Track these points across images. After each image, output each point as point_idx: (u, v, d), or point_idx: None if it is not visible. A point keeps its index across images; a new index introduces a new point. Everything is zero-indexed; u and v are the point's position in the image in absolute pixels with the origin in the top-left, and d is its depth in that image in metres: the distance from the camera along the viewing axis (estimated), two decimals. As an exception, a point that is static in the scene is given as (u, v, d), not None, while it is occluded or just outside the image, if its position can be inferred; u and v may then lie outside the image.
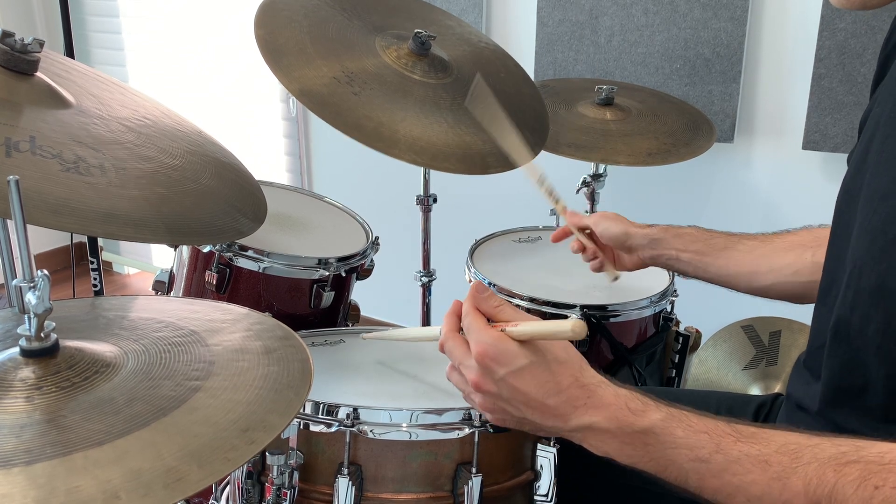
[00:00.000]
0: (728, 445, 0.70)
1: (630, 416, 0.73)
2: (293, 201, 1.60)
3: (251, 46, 1.32)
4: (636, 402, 0.74)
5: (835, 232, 0.90)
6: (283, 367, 0.76)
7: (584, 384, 0.75)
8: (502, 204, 2.34)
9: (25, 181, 0.83)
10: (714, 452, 0.70)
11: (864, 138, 0.87)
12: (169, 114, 1.20)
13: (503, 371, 0.75)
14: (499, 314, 0.79)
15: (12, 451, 0.61)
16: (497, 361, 0.75)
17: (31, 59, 1.01)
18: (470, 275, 1.45)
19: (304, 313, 1.37)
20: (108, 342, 0.77)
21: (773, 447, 0.69)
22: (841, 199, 0.90)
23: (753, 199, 1.99)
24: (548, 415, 0.76)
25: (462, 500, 0.90)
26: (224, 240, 1.25)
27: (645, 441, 0.73)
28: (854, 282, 0.78)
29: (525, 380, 0.75)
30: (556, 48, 2.09)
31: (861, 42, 1.72)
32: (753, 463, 0.69)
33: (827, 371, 0.83)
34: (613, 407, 0.73)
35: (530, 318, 0.78)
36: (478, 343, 0.76)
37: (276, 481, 0.88)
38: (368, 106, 1.32)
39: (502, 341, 0.75)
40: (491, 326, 0.77)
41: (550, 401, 0.75)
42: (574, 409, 0.74)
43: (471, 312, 0.79)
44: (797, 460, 0.67)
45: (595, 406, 0.74)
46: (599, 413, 0.74)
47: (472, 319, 0.78)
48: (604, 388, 0.74)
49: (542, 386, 0.75)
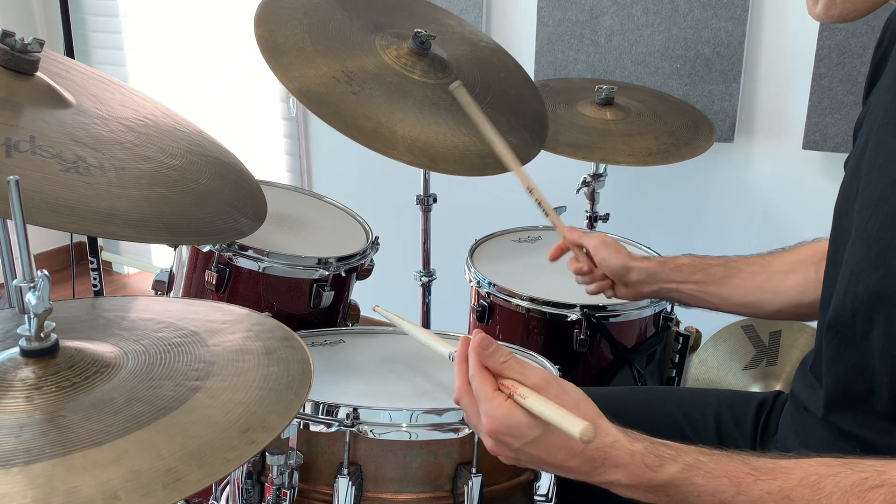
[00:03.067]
0: (748, 485, 0.71)
1: (648, 472, 0.73)
2: (293, 201, 1.60)
3: (251, 46, 1.32)
4: (651, 457, 0.74)
5: (834, 237, 0.90)
6: (283, 368, 0.76)
7: (598, 447, 0.74)
8: (502, 204, 2.34)
9: (25, 181, 0.83)
10: (736, 495, 0.71)
11: (858, 144, 0.87)
12: (169, 114, 1.20)
13: (518, 443, 0.75)
14: (506, 370, 0.77)
15: (12, 451, 0.61)
16: (510, 435, 0.75)
17: (31, 59, 1.01)
18: (470, 275, 1.45)
19: (304, 313, 1.37)
20: (108, 342, 0.77)
21: (793, 481, 0.69)
22: (839, 204, 0.90)
23: (753, 199, 1.99)
24: (570, 472, 0.77)
25: (462, 500, 0.90)
26: (224, 240, 1.25)
27: (666, 492, 0.74)
28: (853, 288, 0.78)
29: (541, 448, 0.75)
30: (556, 48, 2.09)
31: (861, 42, 1.72)
32: (775, 500, 0.69)
33: (831, 377, 0.83)
34: (630, 465, 0.74)
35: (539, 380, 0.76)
36: (489, 417, 0.75)
37: (276, 481, 0.88)
38: (368, 106, 1.32)
39: (512, 415, 0.74)
40: (499, 391, 0.76)
41: (569, 463, 0.75)
42: (594, 469, 0.75)
43: (478, 374, 0.77)
44: (819, 492, 0.67)
45: (612, 465, 0.74)
46: (618, 472, 0.74)
47: (479, 384, 0.77)
48: (618, 448, 0.74)
49: (559, 451, 0.75)
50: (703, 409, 1.08)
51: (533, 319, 1.37)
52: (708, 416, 1.07)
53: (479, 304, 1.43)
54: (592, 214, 1.87)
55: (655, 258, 1.20)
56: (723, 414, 1.06)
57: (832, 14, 0.76)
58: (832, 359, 0.82)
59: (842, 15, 0.75)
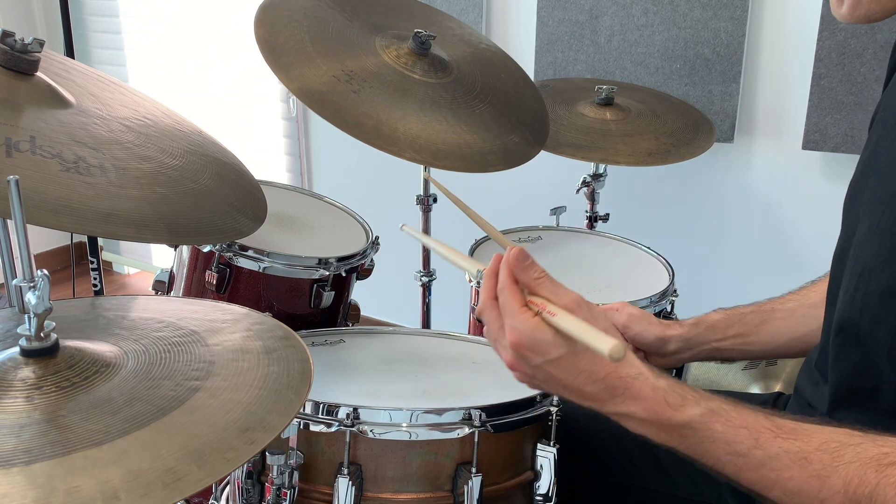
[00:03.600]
0: (767, 441, 0.70)
1: (668, 409, 0.73)
2: (293, 201, 1.60)
3: (251, 46, 1.32)
4: (674, 395, 0.73)
5: (842, 235, 0.90)
6: (283, 368, 0.76)
7: (621, 376, 0.73)
8: (502, 204, 2.34)
9: (25, 181, 0.83)
10: (752, 448, 0.70)
11: (871, 140, 0.87)
12: (169, 114, 1.20)
13: (539, 360, 0.74)
14: (537, 287, 0.75)
15: (12, 451, 0.61)
16: (532, 351, 0.73)
17: (31, 59, 1.01)
18: (470, 274, 1.45)
19: (304, 313, 1.37)
20: (108, 342, 0.77)
21: (813, 444, 0.69)
22: (848, 200, 0.90)
23: (753, 199, 1.99)
24: (585, 398, 0.75)
25: (462, 500, 0.90)
26: (224, 240, 1.25)
27: (682, 434, 0.73)
28: (863, 285, 0.77)
29: (561, 368, 0.74)
30: (556, 48, 2.09)
31: (861, 42, 1.72)
32: (792, 459, 0.69)
33: (836, 374, 0.83)
34: (651, 400, 0.73)
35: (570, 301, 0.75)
36: (512, 329, 0.74)
37: (276, 481, 0.88)
38: (368, 104, 1.32)
39: (538, 331, 0.73)
40: (527, 307, 0.74)
41: (587, 388, 0.74)
42: (612, 398, 0.74)
43: (507, 286, 0.75)
44: (838, 459, 0.67)
45: (632, 397, 0.73)
46: (636, 404, 0.73)
47: (507, 296, 0.75)
48: (641, 381, 0.73)
49: (579, 375, 0.74)
50: None
51: (533, 319, 1.37)
52: None
53: (479, 304, 1.43)
54: (592, 214, 1.87)
55: (687, 322, 1.14)
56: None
57: (858, 14, 0.75)
58: (838, 356, 0.82)
59: (868, 15, 0.74)
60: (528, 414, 0.95)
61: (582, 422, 1.09)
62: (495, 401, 0.93)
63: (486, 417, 0.90)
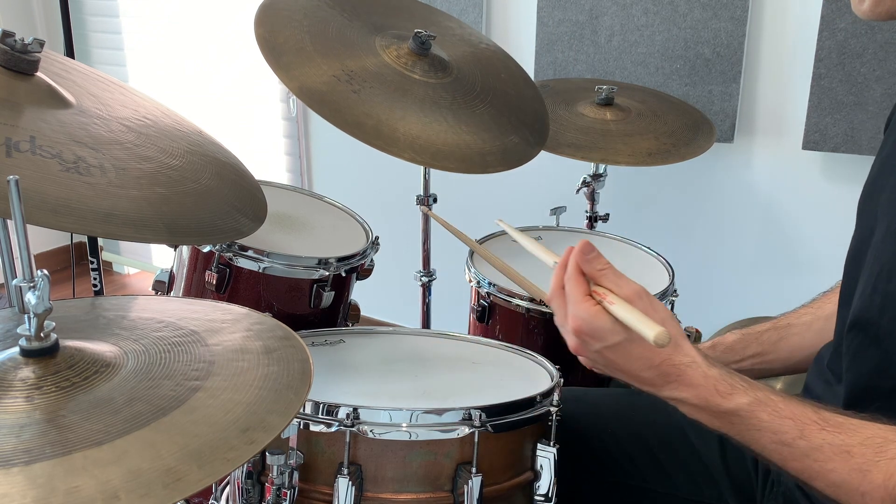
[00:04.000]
0: (812, 433, 0.73)
1: (717, 397, 0.76)
2: (293, 201, 1.60)
3: (251, 46, 1.32)
4: (724, 384, 0.77)
5: (857, 234, 0.90)
6: (283, 368, 0.76)
7: (675, 363, 0.77)
8: (502, 204, 2.34)
9: (25, 181, 0.83)
10: (797, 438, 0.73)
11: (888, 141, 0.87)
12: (169, 114, 1.20)
13: (598, 345, 0.79)
14: (601, 278, 0.79)
15: (12, 451, 0.61)
16: (592, 336, 0.78)
17: (31, 59, 1.01)
18: (470, 275, 1.45)
19: (304, 313, 1.37)
20: (108, 342, 0.77)
21: (857, 438, 0.71)
22: (863, 201, 0.90)
23: (753, 199, 1.99)
24: (642, 383, 0.80)
25: (462, 500, 0.90)
26: (224, 240, 1.25)
27: (730, 420, 0.77)
28: (882, 284, 0.77)
29: (619, 354, 0.78)
30: (556, 48, 2.09)
31: (861, 42, 1.72)
32: (835, 452, 0.71)
33: (853, 374, 0.83)
34: (702, 387, 0.76)
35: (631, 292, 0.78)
36: (574, 317, 0.79)
37: (276, 481, 0.88)
38: (368, 104, 1.32)
39: (597, 318, 0.77)
40: (589, 297, 0.79)
41: (643, 374, 0.79)
42: (666, 383, 0.78)
43: (573, 277, 0.80)
44: (881, 454, 0.69)
45: (685, 384, 0.77)
46: (688, 391, 0.77)
47: (572, 286, 0.80)
48: (693, 369, 0.77)
49: (635, 361, 0.78)
50: None
51: (533, 319, 1.37)
52: None
53: (479, 304, 1.43)
54: (592, 214, 1.87)
55: (704, 346, 1.15)
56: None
57: (880, 11, 0.75)
58: (855, 356, 0.82)
59: (889, 12, 0.75)
60: (528, 414, 0.95)
61: (582, 422, 1.10)
62: (495, 401, 0.93)
63: (486, 417, 0.90)
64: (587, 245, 0.80)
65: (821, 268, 1.92)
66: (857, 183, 1.67)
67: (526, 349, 1.16)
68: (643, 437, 1.07)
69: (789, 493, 0.94)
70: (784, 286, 1.98)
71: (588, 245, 0.80)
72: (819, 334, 1.07)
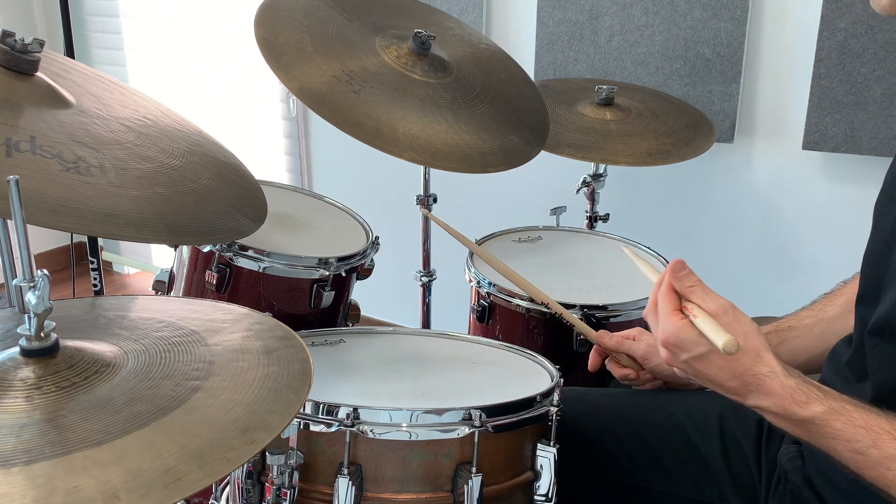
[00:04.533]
0: (884, 442, 0.76)
1: (794, 406, 0.80)
2: (293, 201, 1.60)
3: (251, 46, 1.32)
4: (801, 393, 0.81)
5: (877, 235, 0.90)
6: (283, 367, 0.76)
7: (755, 373, 0.82)
8: (502, 204, 2.34)
9: (25, 181, 0.83)
10: (870, 447, 0.76)
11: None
12: (169, 114, 1.20)
13: (685, 356, 0.84)
14: (690, 294, 0.85)
15: (12, 451, 0.61)
16: (678, 347, 0.84)
17: (31, 59, 1.01)
18: (470, 275, 1.45)
19: (304, 313, 1.37)
20: (108, 342, 0.77)
21: None
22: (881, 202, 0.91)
23: (753, 199, 1.99)
24: (728, 392, 0.85)
25: (462, 500, 0.90)
26: (224, 240, 1.25)
27: (808, 428, 0.80)
28: None
29: (704, 364, 0.83)
30: (556, 48, 2.09)
31: (861, 42, 1.72)
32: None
33: (882, 374, 0.84)
34: (780, 396, 0.81)
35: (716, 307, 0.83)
36: (662, 330, 0.85)
37: (276, 481, 0.88)
38: (368, 104, 1.32)
39: (683, 331, 0.83)
40: (678, 311, 0.85)
41: (728, 383, 0.83)
42: (749, 392, 0.83)
43: (664, 294, 0.87)
44: None
45: (765, 393, 0.82)
46: (769, 400, 0.81)
47: (663, 302, 0.86)
48: (772, 379, 0.81)
49: (720, 371, 0.83)
50: (706, 409, 1.08)
51: (533, 319, 1.37)
52: (711, 415, 1.07)
53: (479, 304, 1.43)
54: (592, 214, 1.87)
55: None
56: (726, 414, 1.06)
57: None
58: (882, 359, 0.84)
59: None
60: (528, 414, 0.95)
61: (582, 422, 1.10)
62: (495, 401, 0.93)
63: (486, 417, 0.90)
64: (678, 264, 0.86)
65: (821, 268, 1.92)
66: (857, 183, 1.67)
67: (526, 349, 1.16)
68: (644, 437, 1.08)
69: (797, 490, 0.94)
70: (784, 286, 1.98)
71: (679, 264, 0.86)
72: (821, 337, 1.08)
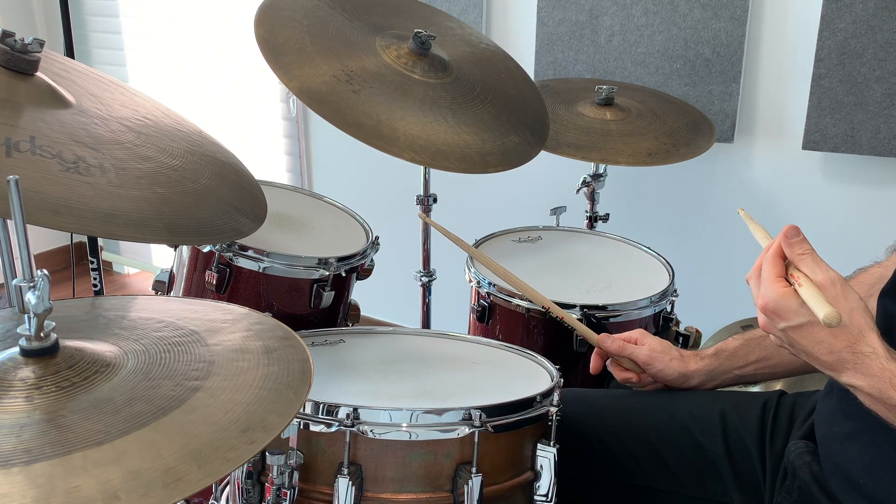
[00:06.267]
0: None
1: (889, 389, 0.78)
2: (293, 201, 1.60)
3: (251, 46, 1.32)
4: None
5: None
6: (283, 367, 0.76)
7: (856, 351, 0.79)
8: (502, 204, 2.34)
9: (25, 181, 0.83)
10: None
11: None
12: (169, 114, 1.20)
13: (783, 324, 0.82)
14: (799, 262, 0.82)
15: (12, 451, 0.61)
16: (777, 315, 0.82)
17: (31, 59, 1.00)
18: (470, 275, 1.45)
19: (304, 313, 1.37)
20: (108, 342, 0.77)
21: None
22: None
23: (753, 199, 1.99)
24: (822, 366, 0.82)
25: (462, 500, 0.90)
26: (224, 240, 1.25)
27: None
28: None
29: (801, 335, 0.81)
30: (556, 48, 2.09)
31: (861, 42, 1.72)
32: None
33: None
34: (877, 378, 0.78)
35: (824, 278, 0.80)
36: (762, 296, 0.83)
37: (276, 481, 0.88)
38: (368, 104, 1.32)
39: (784, 298, 0.81)
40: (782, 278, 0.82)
41: (824, 357, 0.81)
42: (844, 369, 0.80)
43: (770, 258, 0.84)
44: None
45: (862, 372, 0.79)
46: (865, 380, 0.79)
47: (767, 267, 0.84)
48: (872, 359, 0.79)
49: (817, 344, 0.81)
50: (707, 408, 1.08)
51: (533, 320, 1.37)
52: (713, 414, 1.07)
53: (479, 304, 1.43)
54: (592, 214, 1.87)
55: (706, 353, 1.15)
56: (728, 412, 1.06)
57: None
58: None
59: None
60: (528, 414, 0.95)
61: (582, 422, 1.10)
62: (495, 401, 0.93)
63: (486, 417, 0.90)
64: (792, 229, 0.83)
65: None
66: (857, 183, 1.68)
67: (526, 349, 1.16)
68: (646, 437, 1.07)
69: (805, 487, 0.93)
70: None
71: (793, 229, 0.83)
72: None
